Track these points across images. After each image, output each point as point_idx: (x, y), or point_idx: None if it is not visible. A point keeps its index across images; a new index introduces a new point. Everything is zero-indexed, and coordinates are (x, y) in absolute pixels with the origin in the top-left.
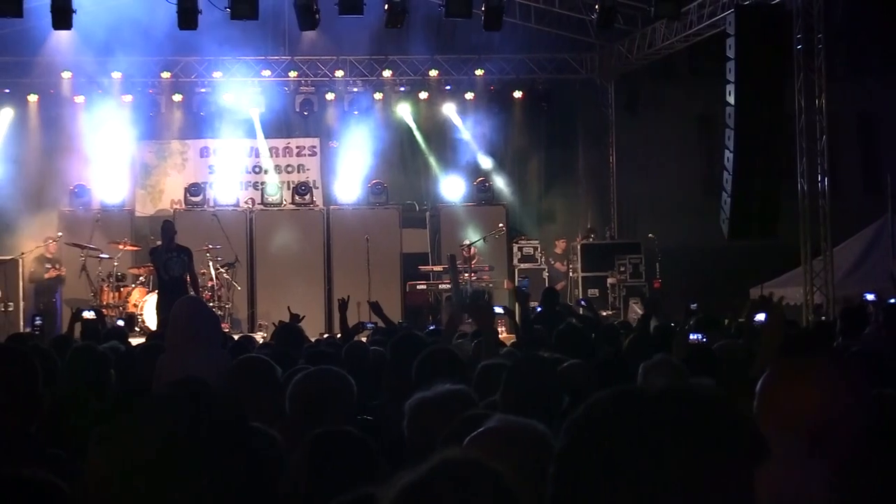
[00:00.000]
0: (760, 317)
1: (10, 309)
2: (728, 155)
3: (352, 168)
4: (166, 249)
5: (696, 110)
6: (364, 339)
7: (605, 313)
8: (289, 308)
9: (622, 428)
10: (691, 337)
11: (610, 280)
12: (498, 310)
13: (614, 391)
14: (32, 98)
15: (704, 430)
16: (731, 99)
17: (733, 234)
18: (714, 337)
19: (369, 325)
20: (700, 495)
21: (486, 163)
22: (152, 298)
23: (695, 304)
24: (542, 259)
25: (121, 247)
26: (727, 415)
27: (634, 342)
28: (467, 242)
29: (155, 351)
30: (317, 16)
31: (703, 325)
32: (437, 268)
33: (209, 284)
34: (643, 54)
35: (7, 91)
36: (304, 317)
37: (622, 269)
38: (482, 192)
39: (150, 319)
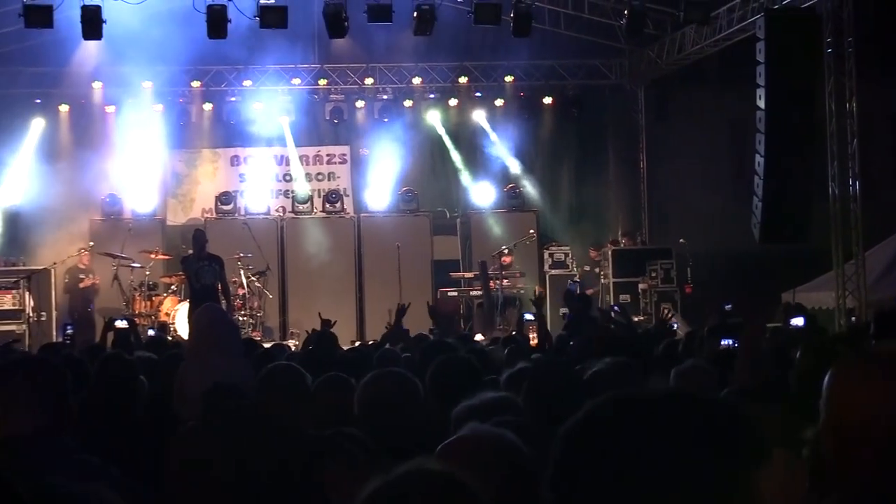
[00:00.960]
0: (797, 321)
1: (44, 318)
2: (759, 159)
3: (382, 175)
4: (197, 258)
5: (726, 115)
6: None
7: (636, 319)
8: (319, 314)
9: (620, 432)
10: (722, 342)
11: (641, 285)
12: (528, 316)
13: (611, 396)
14: (64, 108)
15: (702, 433)
16: (761, 103)
17: (765, 239)
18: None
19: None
20: (701, 498)
21: (516, 169)
22: (184, 307)
23: (729, 305)
24: (573, 265)
25: (152, 256)
26: (726, 417)
27: (667, 347)
28: (505, 249)
29: (180, 360)
30: (346, 23)
31: (733, 329)
32: (469, 274)
33: (240, 293)
34: (673, 59)
35: (38, 101)
36: (335, 322)
37: (654, 274)
38: (512, 199)
39: (182, 328)
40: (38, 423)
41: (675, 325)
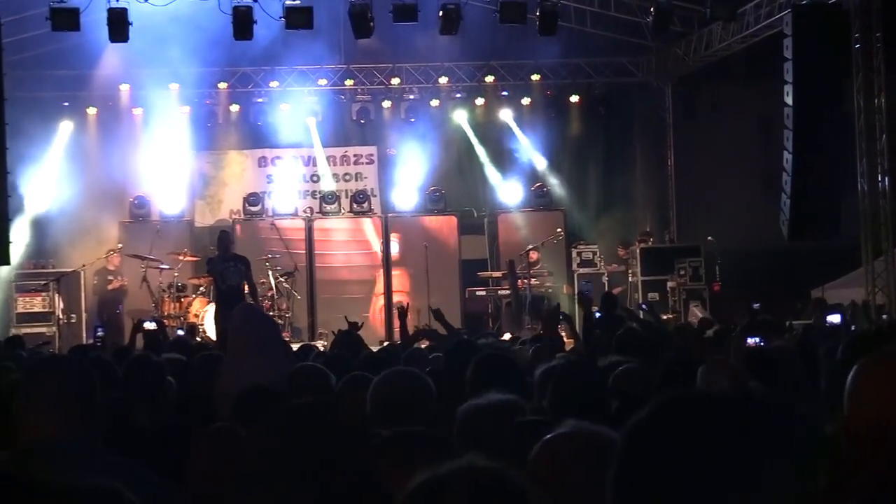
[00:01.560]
0: (834, 318)
1: (73, 321)
2: (787, 156)
3: (409, 175)
4: (222, 259)
5: (754, 112)
6: (423, 346)
7: (665, 317)
8: (346, 317)
9: (684, 432)
10: (749, 340)
11: (670, 283)
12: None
13: (674, 395)
14: (91, 111)
15: (766, 435)
16: (789, 100)
17: (793, 236)
18: (773, 339)
19: (427, 332)
20: (762, 500)
21: (543, 168)
22: (212, 308)
23: (757, 304)
24: (602, 264)
25: (181, 257)
26: (787, 419)
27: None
28: (530, 247)
29: (212, 361)
30: (371, 24)
31: (761, 327)
32: (497, 274)
33: (269, 294)
34: (700, 56)
35: (66, 104)
36: (362, 324)
37: (682, 272)
38: (540, 198)
39: (211, 329)
40: (64, 423)
41: None
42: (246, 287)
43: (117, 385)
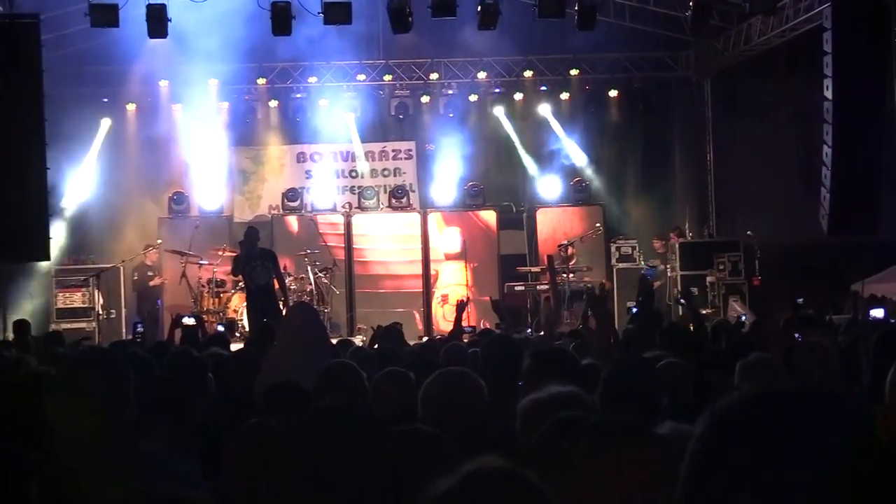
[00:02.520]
0: (878, 312)
1: (113, 316)
2: (827, 150)
3: (448, 170)
4: (247, 259)
5: (793, 106)
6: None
7: (704, 311)
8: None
9: (764, 429)
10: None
11: (709, 278)
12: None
13: (752, 392)
14: (131, 107)
15: (847, 434)
16: (828, 94)
17: (833, 230)
18: (813, 335)
19: (468, 329)
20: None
21: (582, 162)
22: None
23: (801, 299)
24: (640, 258)
25: (220, 253)
26: (863, 418)
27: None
28: (565, 242)
29: (249, 356)
30: (410, 19)
31: (801, 322)
32: (535, 269)
33: (308, 289)
34: (739, 51)
35: (106, 100)
36: (401, 325)
37: (721, 267)
38: (579, 192)
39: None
40: (97, 418)
41: (744, 317)
42: (276, 283)
43: (156, 381)
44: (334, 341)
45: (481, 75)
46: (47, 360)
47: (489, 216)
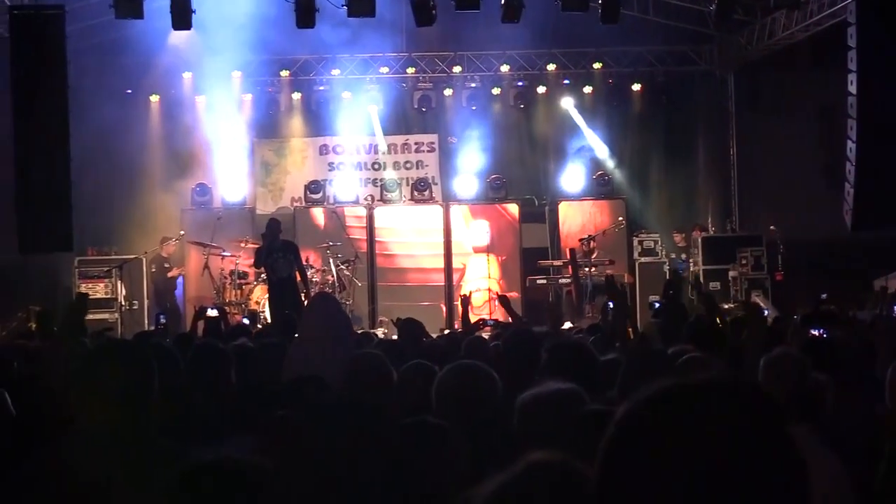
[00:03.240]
0: None
1: (136, 307)
2: (851, 145)
3: (470, 163)
4: (269, 251)
5: (817, 100)
6: (486, 336)
7: (726, 306)
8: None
9: (662, 425)
10: (812, 332)
11: (731, 273)
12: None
13: (655, 387)
14: (154, 98)
15: (740, 425)
16: (853, 88)
17: (857, 226)
18: (835, 330)
19: (490, 322)
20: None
21: (604, 156)
22: None
23: (824, 295)
24: (663, 252)
25: (242, 245)
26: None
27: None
28: (586, 235)
29: (272, 349)
30: (434, 12)
31: (822, 318)
32: (557, 262)
33: (329, 281)
34: (763, 45)
35: (129, 91)
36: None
37: (744, 261)
38: (601, 186)
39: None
40: (120, 409)
41: (766, 312)
42: (298, 276)
43: (179, 372)
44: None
45: (504, 68)
46: (70, 351)
47: (513, 209)
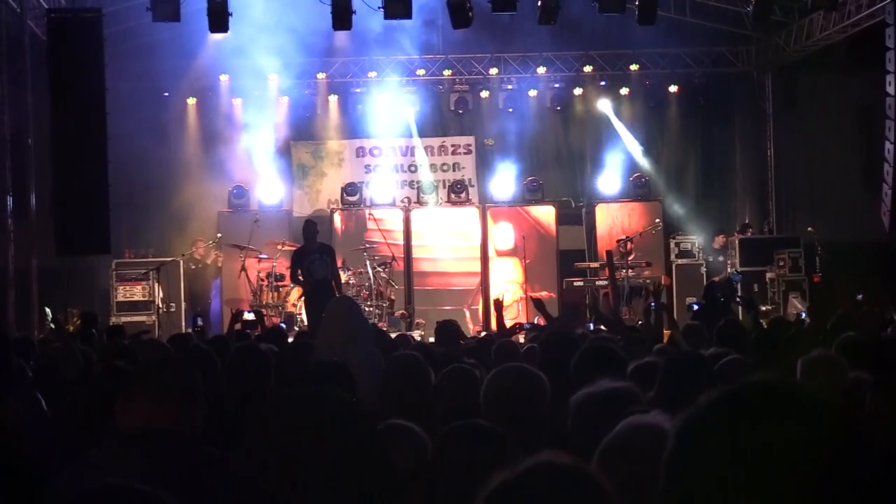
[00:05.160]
0: None
1: (172, 309)
2: (888, 146)
3: (507, 165)
4: (307, 252)
5: (855, 102)
6: (522, 339)
7: (764, 308)
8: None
9: (724, 430)
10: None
11: (769, 275)
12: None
13: (717, 392)
14: (191, 101)
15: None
16: (890, 89)
17: (894, 227)
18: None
19: (527, 326)
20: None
21: (641, 158)
22: None
23: (860, 296)
24: (700, 254)
25: (279, 247)
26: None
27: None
28: (623, 237)
29: (304, 350)
30: (470, 14)
31: (860, 319)
32: (594, 264)
33: (366, 283)
34: (800, 46)
35: (166, 94)
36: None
37: (781, 263)
38: (638, 188)
39: None
40: (166, 414)
41: (803, 314)
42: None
43: (218, 375)
44: (392, 335)
45: (541, 70)
46: (110, 353)
47: (545, 211)
